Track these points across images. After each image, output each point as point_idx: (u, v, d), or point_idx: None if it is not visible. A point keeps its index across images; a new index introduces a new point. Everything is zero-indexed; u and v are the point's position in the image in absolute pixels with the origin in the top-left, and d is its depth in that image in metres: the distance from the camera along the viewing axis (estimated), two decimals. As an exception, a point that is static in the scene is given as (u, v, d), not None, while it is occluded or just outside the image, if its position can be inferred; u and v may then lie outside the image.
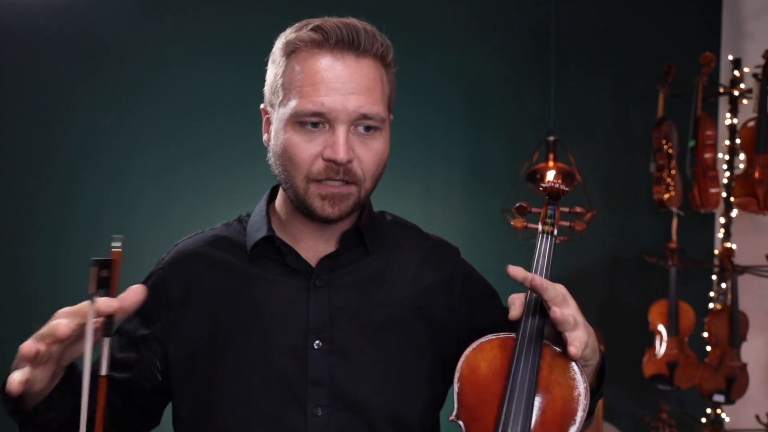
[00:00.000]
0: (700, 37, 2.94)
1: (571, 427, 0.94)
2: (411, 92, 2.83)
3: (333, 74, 0.96)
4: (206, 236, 1.13)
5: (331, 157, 0.97)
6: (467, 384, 0.97)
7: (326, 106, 0.96)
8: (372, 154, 1.01)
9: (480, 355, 0.98)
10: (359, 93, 0.97)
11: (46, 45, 2.68)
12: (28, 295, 2.74)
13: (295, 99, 0.97)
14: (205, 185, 2.75)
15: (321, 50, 0.98)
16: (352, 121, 0.98)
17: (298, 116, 0.97)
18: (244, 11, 2.76)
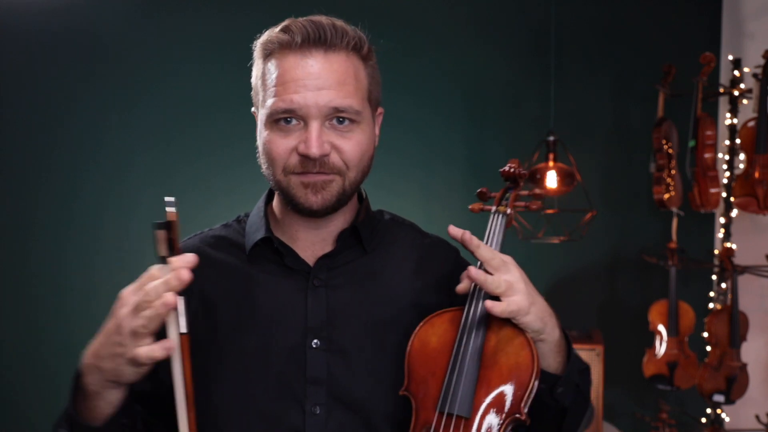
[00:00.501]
0: (700, 37, 2.94)
1: (522, 396, 0.95)
2: (411, 92, 2.84)
3: (302, 72, 0.99)
4: (205, 237, 1.14)
5: (304, 152, 0.99)
6: (417, 357, 0.99)
7: (296, 102, 0.98)
8: (352, 144, 1.02)
9: (431, 329, 1.00)
10: (329, 87, 0.99)
11: (46, 45, 2.69)
12: (28, 295, 2.74)
13: (270, 99, 1.00)
14: (205, 185, 2.76)
15: (290, 50, 1.00)
16: (325, 116, 1.00)
17: (273, 115, 1.00)
18: (244, 11, 2.76)
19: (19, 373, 2.74)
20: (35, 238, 2.74)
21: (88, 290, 2.76)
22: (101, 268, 2.76)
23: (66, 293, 2.75)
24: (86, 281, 2.76)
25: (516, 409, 0.95)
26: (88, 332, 3.06)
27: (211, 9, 2.77)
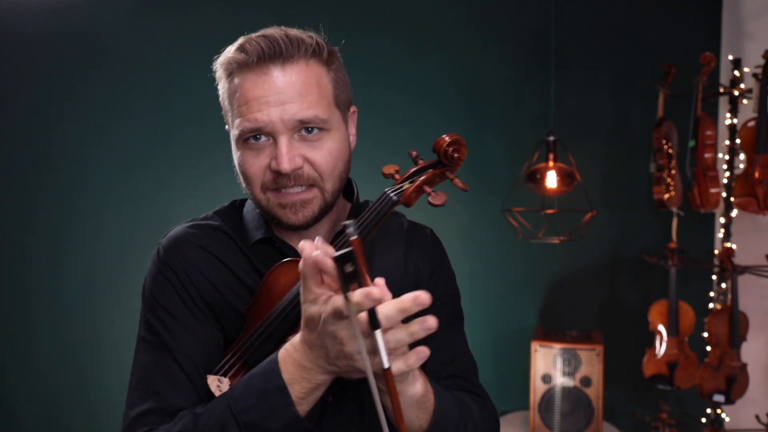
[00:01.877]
0: (700, 37, 2.94)
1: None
2: (411, 92, 2.84)
3: (262, 89, 0.99)
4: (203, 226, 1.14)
5: (275, 169, 1.00)
6: (265, 290, 1.02)
7: (261, 120, 0.99)
8: (324, 154, 1.03)
9: (285, 271, 1.02)
10: (292, 101, 0.99)
11: (46, 45, 2.68)
12: (28, 295, 2.74)
13: (236, 120, 1.01)
14: (207, 185, 2.75)
15: (248, 68, 1.00)
16: (291, 129, 1.00)
17: (241, 135, 1.01)
18: (244, 11, 2.76)
19: (19, 374, 2.74)
20: (35, 238, 2.74)
21: (88, 291, 2.76)
22: (101, 268, 2.76)
23: (65, 294, 2.75)
24: (86, 282, 2.76)
25: None
26: (87, 333, 3.06)
27: (211, 9, 2.77)
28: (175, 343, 1.03)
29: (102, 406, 2.72)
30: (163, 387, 1.01)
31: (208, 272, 1.08)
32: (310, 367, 0.88)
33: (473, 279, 2.87)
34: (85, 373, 2.74)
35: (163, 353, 1.03)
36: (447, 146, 1.01)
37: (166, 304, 1.06)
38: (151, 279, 1.09)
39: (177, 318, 1.05)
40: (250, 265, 1.09)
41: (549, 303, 2.99)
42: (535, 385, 2.62)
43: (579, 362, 2.58)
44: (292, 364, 0.89)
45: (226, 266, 1.09)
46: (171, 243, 1.10)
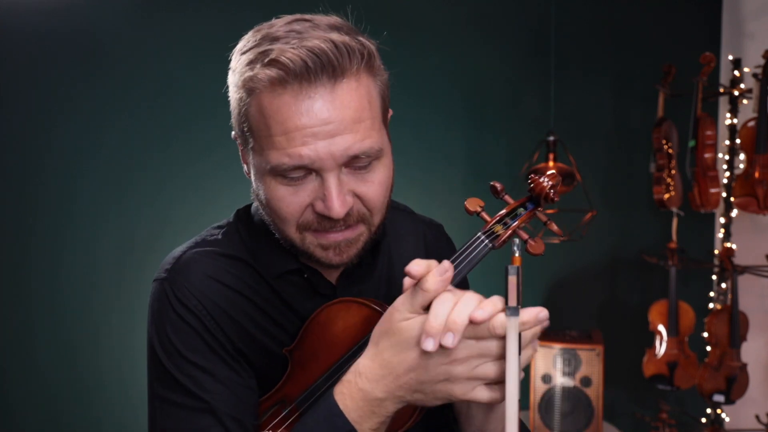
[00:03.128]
0: (700, 37, 2.94)
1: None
2: (411, 92, 2.84)
3: (307, 118, 0.79)
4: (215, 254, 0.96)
5: (323, 213, 0.83)
6: (315, 332, 0.90)
7: (306, 157, 0.80)
8: (375, 188, 0.86)
9: (344, 313, 0.89)
10: (344, 132, 0.80)
11: (46, 45, 2.68)
12: (28, 295, 2.74)
13: (269, 150, 0.82)
14: (207, 185, 2.75)
15: (285, 89, 0.79)
16: (341, 165, 0.82)
17: (276, 171, 0.83)
18: (244, 11, 2.76)
19: (19, 374, 2.74)
20: (34, 238, 2.74)
21: (88, 291, 2.76)
22: (100, 268, 2.76)
23: (65, 294, 2.75)
24: (86, 282, 2.76)
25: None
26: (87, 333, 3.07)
27: (211, 9, 2.77)
28: (216, 402, 0.87)
29: (102, 407, 2.72)
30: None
31: (234, 311, 0.91)
32: (384, 398, 0.77)
33: (473, 279, 2.86)
34: (85, 374, 2.74)
35: (204, 417, 0.86)
36: (550, 189, 0.87)
37: (190, 355, 0.88)
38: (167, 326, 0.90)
39: (212, 373, 0.88)
40: (277, 297, 0.95)
41: (549, 303, 2.99)
42: (535, 385, 2.62)
43: (579, 362, 2.58)
44: (360, 399, 0.78)
45: (250, 302, 0.93)
46: (183, 277, 0.91)
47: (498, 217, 0.90)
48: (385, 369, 0.76)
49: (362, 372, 0.78)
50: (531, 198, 0.90)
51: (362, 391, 0.77)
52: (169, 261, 0.94)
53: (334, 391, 0.80)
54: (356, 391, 0.78)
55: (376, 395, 0.77)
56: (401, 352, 0.75)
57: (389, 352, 0.76)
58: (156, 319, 0.91)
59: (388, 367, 0.76)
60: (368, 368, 0.77)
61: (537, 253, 0.87)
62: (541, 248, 0.87)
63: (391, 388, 0.77)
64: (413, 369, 0.75)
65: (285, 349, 0.92)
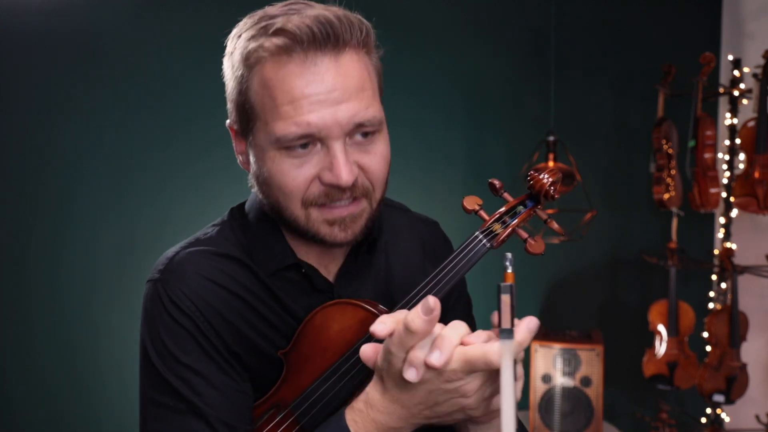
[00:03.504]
0: (700, 37, 2.94)
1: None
2: (411, 92, 2.84)
3: (313, 85, 0.80)
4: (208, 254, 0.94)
5: (331, 182, 0.83)
6: (310, 334, 0.88)
7: (314, 124, 0.81)
8: (377, 160, 0.87)
9: (339, 315, 0.87)
10: (349, 99, 0.81)
11: (46, 45, 2.68)
12: (28, 295, 2.74)
13: (275, 122, 0.82)
14: (207, 185, 2.75)
15: (291, 58, 0.81)
16: (347, 134, 0.83)
17: (283, 141, 0.82)
18: (244, 11, 2.75)
19: (19, 374, 2.74)
20: (33, 238, 2.73)
21: (88, 291, 2.76)
22: (100, 268, 2.76)
23: (65, 294, 2.75)
24: (86, 282, 2.76)
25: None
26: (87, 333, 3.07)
27: (211, 9, 2.77)
28: (207, 407, 0.85)
29: (102, 407, 2.72)
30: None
31: (228, 313, 0.90)
32: (400, 426, 0.77)
33: (472, 279, 2.86)
34: (85, 374, 2.74)
35: (195, 421, 0.85)
36: (550, 186, 0.85)
37: (187, 360, 0.86)
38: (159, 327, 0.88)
39: (204, 376, 0.87)
40: (272, 297, 0.93)
41: (549, 303, 2.99)
42: (535, 385, 2.62)
43: (579, 362, 2.58)
44: (374, 429, 0.77)
45: (245, 303, 0.91)
46: (176, 278, 0.89)
47: (496, 216, 0.88)
48: (395, 403, 0.76)
49: (373, 404, 0.77)
50: (531, 195, 0.88)
51: (375, 422, 0.78)
52: (162, 261, 0.93)
53: (346, 418, 0.79)
54: (369, 421, 0.78)
55: (391, 425, 0.77)
56: (407, 390, 0.75)
57: (395, 390, 0.76)
58: (149, 320, 0.89)
59: (398, 401, 0.76)
60: (378, 401, 0.77)
61: (537, 253, 0.85)
62: (541, 248, 0.85)
63: (405, 417, 0.77)
64: (423, 402, 0.75)
65: (280, 352, 0.90)
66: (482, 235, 0.86)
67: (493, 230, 0.86)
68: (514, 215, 0.88)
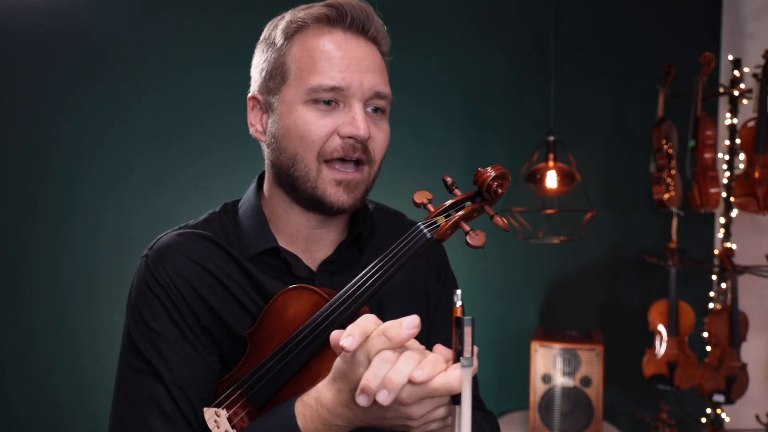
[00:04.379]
0: (700, 37, 2.94)
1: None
2: (411, 92, 2.84)
3: (349, 51, 0.96)
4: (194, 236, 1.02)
5: (351, 134, 0.94)
6: (271, 317, 0.94)
7: (345, 80, 0.94)
8: (383, 135, 1.00)
9: (296, 299, 0.93)
10: (374, 72, 0.97)
11: (46, 45, 2.68)
12: (26, 295, 2.74)
13: (311, 76, 0.95)
14: (206, 185, 2.75)
15: (333, 27, 0.97)
16: (366, 99, 0.96)
17: (314, 92, 0.94)
18: (244, 11, 2.76)
19: (19, 374, 2.74)
20: (34, 238, 2.74)
21: (88, 290, 2.76)
22: (101, 268, 2.76)
23: (65, 293, 2.75)
24: (86, 281, 2.76)
25: None
26: (87, 332, 3.06)
27: (211, 9, 2.77)
28: (167, 371, 0.93)
29: (102, 406, 2.71)
30: (155, 422, 0.91)
31: (202, 290, 0.98)
32: (343, 426, 0.83)
33: (473, 279, 2.87)
34: (85, 373, 2.74)
35: (155, 383, 0.93)
36: (492, 180, 0.91)
37: (156, 327, 0.95)
38: (137, 295, 0.98)
39: (169, 342, 0.95)
40: (249, 281, 1.00)
41: (549, 303, 2.99)
42: (535, 385, 2.62)
43: (579, 362, 2.58)
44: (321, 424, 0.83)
45: (220, 283, 0.99)
46: (159, 255, 0.99)
47: (441, 209, 0.92)
48: (345, 407, 0.81)
49: (324, 403, 0.83)
50: (478, 191, 0.93)
51: (323, 418, 0.83)
52: (153, 241, 1.04)
53: (296, 410, 0.84)
54: (317, 417, 0.83)
55: (337, 423, 0.83)
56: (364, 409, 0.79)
57: (347, 394, 0.80)
58: (132, 291, 1.00)
59: (347, 405, 0.81)
60: (330, 401, 0.82)
61: (477, 246, 0.88)
62: (481, 241, 0.89)
63: (351, 420, 0.83)
64: (370, 411, 0.80)
65: (246, 332, 0.96)
66: (424, 226, 0.92)
67: (437, 222, 0.91)
68: (459, 209, 0.92)
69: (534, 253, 2.89)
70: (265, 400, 0.92)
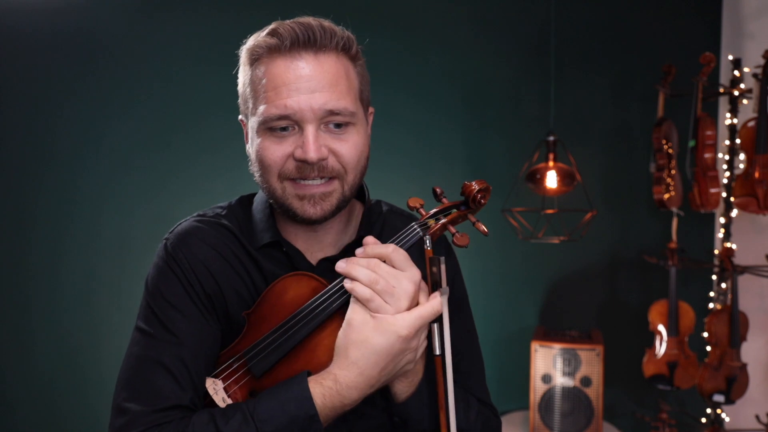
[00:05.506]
0: (700, 37, 2.94)
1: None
2: (411, 92, 2.84)
3: (293, 75, 0.98)
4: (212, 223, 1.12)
5: (301, 157, 0.98)
6: (270, 299, 1.03)
7: (290, 107, 0.97)
8: (349, 147, 1.02)
9: (295, 284, 1.02)
10: (322, 90, 0.98)
11: (46, 45, 2.68)
12: (28, 295, 2.74)
13: (261, 105, 0.99)
14: (206, 185, 2.76)
15: (279, 53, 0.99)
16: (320, 119, 0.99)
17: (266, 122, 0.99)
18: (244, 11, 2.76)
19: (19, 374, 2.74)
20: (34, 237, 2.74)
21: (88, 290, 2.76)
22: (101, 268, 2.76)
23: (65, 293, 2.75)
24: (86, 281, 2.76)
25: None
26: (87, 332, 3.06)
27: (211, 9, 2.77)
28: (177, 337, 1.01)
29: (102, 406, 2.71)
30: (161, 382, 0.98)
31: (214, 270, 1.06)
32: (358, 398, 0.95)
33: (473, 279, 2.86)
34: (85, 373, 2.74)
35: (165, 347, 1.00)
36: (477, 192, 1.04)
37: (170, 298, 1.04)
38: (156, 271, 1.08)
39: (181, 312, 1.03)
40: (256, 268, 1.08)
41: (549, 303, 2.99)
42: (535, 385, 2.62)
43: (579, 362, 2.58)
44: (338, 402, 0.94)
45: (231, 267, 1.07)
46: (179, 238, 1.09)
47: (432, 213, 1.06)
48: (361, 376, 0.94)
49: (342, 381, 0.94)
50: (464, 201, 1.07)
51: (341, 395, 0.94)
52: (174, 226, 1.13)
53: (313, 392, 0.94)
54: (336, 396, 0.94)
55: (353, 398, 0.94)
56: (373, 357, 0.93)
57: (363, 360, 0.93)
58: (152, 269, 1.09)
59: (364, 373, 0.93)
60: (346, 378, 0.94)
61: (462, 245, 1.00)
62: (465, 241, 1.01)
63: (365, 389, 0.95)
64: (385, 368, 0.94)
65: (244, 312, 1.05)
66: (417, 226, 1.03)
67: (428, 224, 1.04)
68: (447, 214, 1.06)
69: (534, 253, 2.89)
70: (264, 371, 1.00)
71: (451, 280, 1.20)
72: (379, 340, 0.92)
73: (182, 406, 0.98)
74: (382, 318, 0.93)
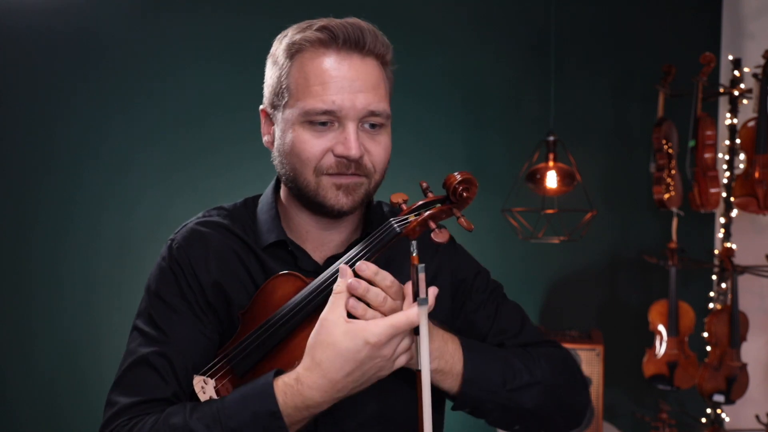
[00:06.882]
0: (700, 37, 2.94)
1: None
2: (411, 92, 2.84)
3: (341, 73, 1.00)
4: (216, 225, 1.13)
5: (343, 154, 1.00)
6: (261, 298, 1.04)
7: (337, 104, 0.99)
8: (381, 148, 1.05)
9: (283, 284, 1.03)
10: (366, 91, 1.01)
11: (46, 45, 2.69)
12: (28, 295, 2.74)
13: (305, 99, 1.00)
14: (206, 185, 2.76)
15: (327, 50, 1.01)
16: (360, 118, 1.01)
17: (309, 115, 1.00)
18: (244, 11, 2.76)
19: (19, 374, 2.74)
20: (34, 237, 2.74)
21: (88, 290, 2.76)
22: (100, 268, 2.76)
23: (65, 293, 2.75)
24: (86, 281, 2.76)
25: None
26: (87, 332, 3.06)
27: (211, 9, 2.77)
28: (170, 338, 1.04)
29: (102, 406, 2.72)
30: (149, 377, 1.02)
31: (218, 272, 1.08)
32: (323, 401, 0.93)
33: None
34: (85, 373, 2.74)
35: (157, 346, 1.04)
36: (457, 184, 0.99)
37: (168, 299, 1.06)
38: (158, 271, 1.10)
39: (177, 313, 1.06)
40: (261, 268, 1.10)
41: (549, 303, 2.99)
42: (535, 385, 2.61)
43: (579, 362, 2.58)
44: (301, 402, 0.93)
45: (236, 268, 1.10)
46: (184, 240, 1.11)
47: (413, 207, 1.03)
48: (324, 378, 0.91)
49: (303, 381, 0.92)
50: (447, 195, 1.02)
51: (302, 395, 0.92)
52: (178, 228, 1.15)
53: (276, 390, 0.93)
54: (297, 396, 0.92)
55: (316, 400, 0.92)
56: (338, 360, 0.91)
57: (327, 363, 0.91)
58: (154, 269, 1.11)
59: (326, 376, 0.91)
60: (308, 378, 0.92)
61: (441, 241, 0.98)
62: (445, 237, 0.98)
63: (330, 393, 0.93)
64: (350, 373, 0.92)
65: (239, 312, 1.06)
66: (395, 221, 1.01)
67: (408, 219, 1.01)
68: (429, 209, 1.02)
69: (534, 253, 2.89)
70: (246, 370, 1.02)
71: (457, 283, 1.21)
72: (346, 344, 0.91)
73: (165, 399, 1.01)
74: (355, 322, 0.92)
